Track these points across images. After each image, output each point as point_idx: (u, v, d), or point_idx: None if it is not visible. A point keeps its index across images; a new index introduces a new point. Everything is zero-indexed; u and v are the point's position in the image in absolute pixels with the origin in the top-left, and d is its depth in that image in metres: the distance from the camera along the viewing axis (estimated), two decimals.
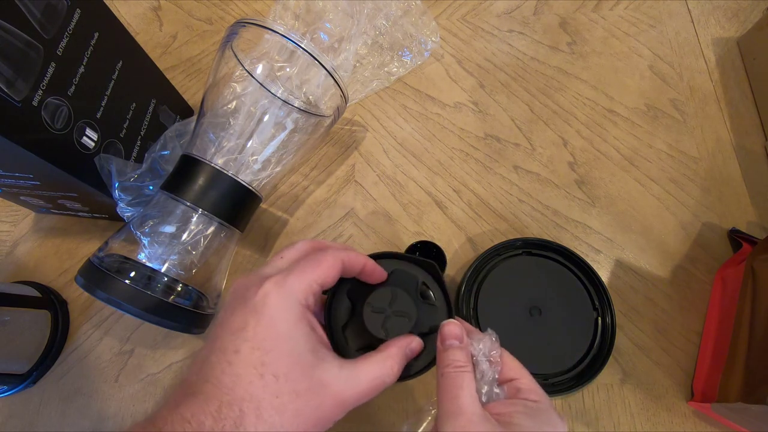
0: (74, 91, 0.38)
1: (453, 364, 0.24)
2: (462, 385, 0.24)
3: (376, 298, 0.28)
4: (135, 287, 0.36)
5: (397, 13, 0.58)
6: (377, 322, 0.28)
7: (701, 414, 0.40)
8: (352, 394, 0.23)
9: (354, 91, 0.56)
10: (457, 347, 0.25)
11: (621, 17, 0.58)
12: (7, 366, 0.43)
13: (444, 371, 0.25)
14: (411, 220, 0.50)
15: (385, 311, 0.28)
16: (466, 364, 0.25)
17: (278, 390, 0.21)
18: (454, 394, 0.23)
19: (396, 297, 0.29)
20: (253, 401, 0.20)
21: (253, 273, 0.26)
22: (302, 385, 0.21)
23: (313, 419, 0.22)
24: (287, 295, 0.22)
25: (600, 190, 0.50)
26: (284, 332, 0.22)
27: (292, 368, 0.21)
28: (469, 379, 0.24)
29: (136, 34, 0.62)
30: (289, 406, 0.21)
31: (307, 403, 0.21)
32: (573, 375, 0.41)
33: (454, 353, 0.25)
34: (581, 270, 0.44)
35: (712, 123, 0.52)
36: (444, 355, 0.25)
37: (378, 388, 0.24)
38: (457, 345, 0.26)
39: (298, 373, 0.21)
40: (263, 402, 0.20)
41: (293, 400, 0.21)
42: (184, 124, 0.47)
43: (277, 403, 0.20)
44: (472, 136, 0.53)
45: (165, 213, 0.40)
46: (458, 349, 0.25)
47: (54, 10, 0.36)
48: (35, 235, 0.52)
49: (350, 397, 0.23)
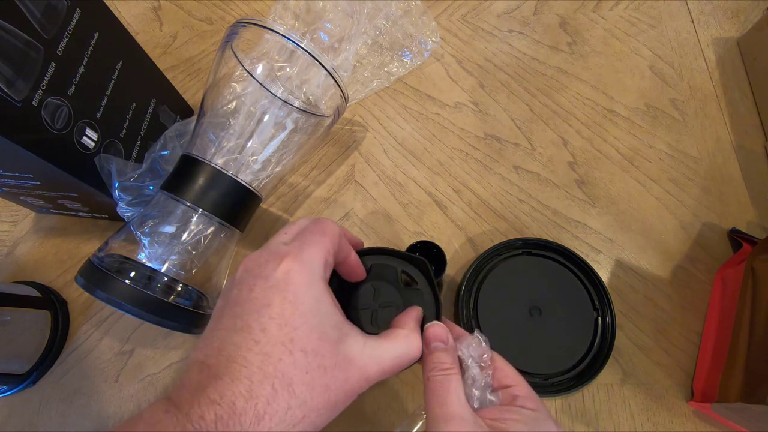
0: (74, 91, 0.38)
1: (438, 366, 0.24)
2: (449, 389, 0.23)
3: (359, 297, 0.29)
4: (135, 287, 0.36)
5: (397, 13, 0.58)
6: (366, 319, 0.28)
7: (701, 414, 0.40)
8: (377, 370, 0.23)
9: (354, 91, 0.56)
10: (443, 349, 0.25)
11: (621, 17, 0.58)
12: (7, 366, 0.43)
13: (430, 375, 0.24)
14: (411, 220, 0.50)
15: (371, 306, 0.29)
16: (451, 367, 0.24)
17: (307, 365, 0.21)
18: (442, 399, 0.23)
19: (379, 291, 0.29)
20: (285, 378, 0.20)
21: (262, 249, 0.25)
22: (330, 360, 0.21)
23: (341, 393, 0.22)
24: (309, 271, 0.22)
25: (600, 190, 0.50)
26: (310, 308, 0.22)
27: (320, 344, 0.21)
28: (457, 382, 0.24)
29: (136, 34, 0.62)
30: (319, 381, 0.21)
31: (335, 377, 0.21)
32: (573, 375, 0.41)
33: (439, 356, 0.24)
34: (581, 270, 0.44)
35: (712, 123, 0.52)
36: (429, 358, 0.25)
37: (403, 364, 0.24)
38: (442, 347, 0.25)
39: (325, 348, 0.21)
40: (294, 378, 0.20)
41: (322, 375, 0.21)
42: (184, 124, 0.47)
43: (307, 378, 0.21)
44: (472, 136, 0.53)
45: (165, 213, 0.40)
46: (443, 351, 0.25)
47: (54, 10, 0.36)
48: (35, 235, 0.52)
49: (374, 373, 0.23)
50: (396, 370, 0.24)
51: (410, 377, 0.43)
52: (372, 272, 0.30)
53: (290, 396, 0.20)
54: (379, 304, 0.29)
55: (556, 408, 0.41)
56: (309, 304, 0.22)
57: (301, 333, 0.21)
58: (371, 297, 0.29)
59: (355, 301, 0.29)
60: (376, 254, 0.30)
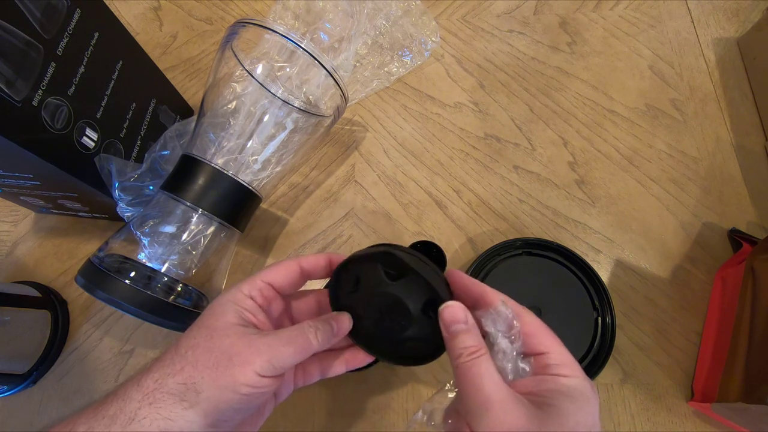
0: (74, 91, 0.38)
1: (465, 351, 0.22)
2: (482, 373, 0.22)
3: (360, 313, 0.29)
4: (135, 287, 0.36)
5: (397, 13, 0.58)
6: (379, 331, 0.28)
7: (701, 414, 0.40)
8: (274, 342, 0.25)
9: (354, 91, 0.56)
10: (464, 331, 0.23)
11: (621, 17, 0.58)
12: (7, 366, 0.43)
13: (458, 362, 0.22)
14: (411, 220, 0.50)
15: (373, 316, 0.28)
16: (478, 348, 0.22)
17: (197, 334, 0.25)
18: (477, 385, 0.21)
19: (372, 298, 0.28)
20: (177, 343, 0.25)
21: None
22: (220, 332, 0.25)
23: (224, 357, 0.24)
24: (231, 292, 0.27)
25: (600, 190, 0.50)
26: (217, 310, 0.26)
27: (219, 327, 0.25)
28: (487, 363, 0.22)
29: (136, 34, 0.62)
30: (203, 344, 0.24)
31: (221, 343, 0.24)
32: None
33: (462, 339, 0.23)
34: (581, 270, 0.44)
35: (712, 123, 0.52)
36: (453, 343, 0.23)
37: (301, 342, 0.25)
38: (464, 328, 0.23)
39: (222, 331, 0.25)
40: (182, 342, 0.25)
41: (208, 340, 0.25)
42: (184, 124, 0.47)
43: (193, 342, 0.25)
44: (472, 136, 0.53)
45: (165, 213, 0.40)
46: (465, 333, 0.23)
47: (54, 10, 0.36)
48: (35, 235, 0.52)
49: (272, 345, 0.24)
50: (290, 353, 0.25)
51: (410, 377, 0.43)
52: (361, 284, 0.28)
53: (175, 353, 0.24)
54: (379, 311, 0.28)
55: None
56: (217, 306, 0.26)
57: (209, 320, 0.26)
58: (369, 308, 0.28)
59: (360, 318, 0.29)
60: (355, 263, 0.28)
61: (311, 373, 0.30)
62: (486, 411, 0.21)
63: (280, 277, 0.28)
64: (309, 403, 0.43)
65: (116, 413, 0.22)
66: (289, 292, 0.29)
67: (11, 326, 0.43)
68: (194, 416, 0.23)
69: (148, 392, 0.23)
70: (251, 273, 0.49)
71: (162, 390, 0.23)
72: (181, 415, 0.22)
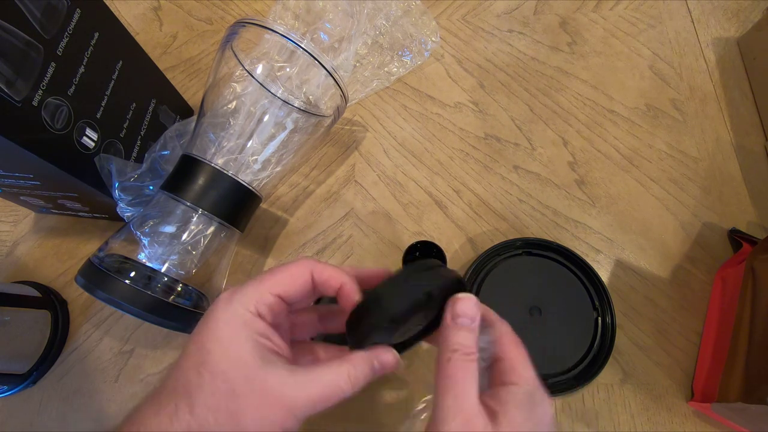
0: (74, 91, 0.38)
1: (462, 349, 0.22)
2: (467, 378, 0.21)
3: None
4: (135, 287, 0.36)
5: (397, 13, 0.58)
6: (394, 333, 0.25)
7: (701, 414, 0.40)
8: (301, 397, 0.21)
9: (354, 91, 0.56)
10: (469, 329, 0.22)
11: (621, 17, 0.58)
12: (7, 366, 0.43)
13: (451, 356, 0.22)
14: (411, 220, 0.50)
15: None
16: (474, 352, 0.22)
17: (215, 388, 0.20)
18: (460, 389, 0.21)
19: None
20: (188, 398, 0.20)
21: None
22: (242, 386, 0.20)
23: (253, 422, 0.20)
24: (234, 303, 0.22)
25: (600, 190, 0.50)
26: (226, 335, 0.21)
27: (232, 368, 0.21)
28: (475, 372, 0.22)
29: (136, 34, 0.62)
30: (224, 406, 0.20)
31: (247, 404, 0.20)
32: (573, 375, 0.41)
33: (465, 335, 0.22)
34: (581, 270, 0.44)
35: (712, 123, 0.52)
36: (452, 335, 0.22)
37: (332, 396, 0.22)
38: (469, 325, 0.23)
39: (238, 373, 0.21)
40: (198, 400, 0.20)
41: (230, 399, 0.20)
42: (184, 124, 0.47)
43: (211, 401, 0.20)
44: (472, 136, 0.53)
45: (165, 213, 0.40)
46: (469, 331, 0.22)
47: (54, 10, 0.36)
48: (35, 235, 0.52)
49: (298, 401, 0.21)
50: (326, 401, 0.22)
51: (410, 377, 0.43)
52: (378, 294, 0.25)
53: (191, 416, 0.20)
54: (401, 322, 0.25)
55: (556, 408, 0.41)
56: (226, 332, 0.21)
57: (214, 357, 0.21)
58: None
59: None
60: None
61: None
62: (457, 415, 0.21)
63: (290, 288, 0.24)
64: None
65: None
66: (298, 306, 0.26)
67: (11, 326, 0.43)
68: None
69: None
70: (251, 273, 0.49)
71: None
72: None
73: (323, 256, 0.49)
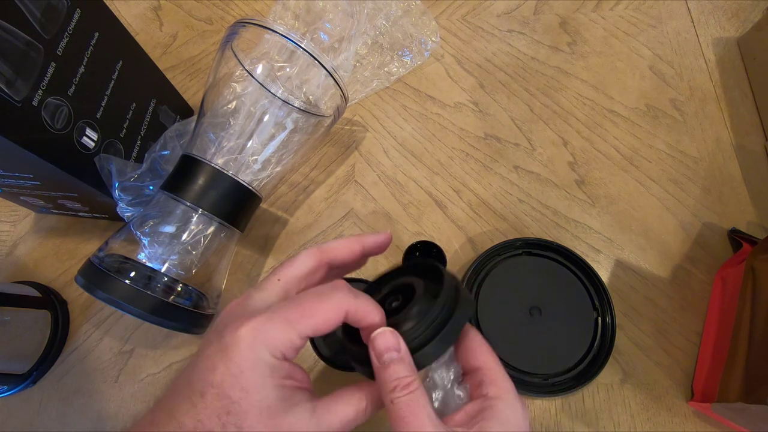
0: (74, 91, 0.38)
1: (399, 385, 0.21)
2: (418, 411, 0.21)
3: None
4: (135, 287, 0.36)
5: (397, 13, 0.58)
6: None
7: (701, 414, 0.40)
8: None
9: (354, 91, 0.56)
10: (397, 360, 0.21)
11: (621, 17, 0.58)
12: (7, 366, 0.43)
13: (392, 397, 0.21)
14: (411, 220, 0.50)
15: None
16: (413, 380, 0.21)
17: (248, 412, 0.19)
18: (416, 425, 0.20)
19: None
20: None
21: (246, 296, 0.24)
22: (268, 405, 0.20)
23: None
24: (261, 346, 0.20)
25: (600, 190, 0.50)
26: (252, 384, 0.20)
27: (258, 420, 0.19)
28: (424, 398, 0.21)
29: (136, 34, 0.62)
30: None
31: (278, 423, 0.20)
32: (573, 375, 0.41)
33: (396, 370, 0.21)
34: (581, 270, 0.44)
35: (712, 123, 0.52)
36: (385, 374, 0.22)
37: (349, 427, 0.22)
38: (396, 357, 0.22)
39: (264, 425, 0.20)
40: None
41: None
42: (184, 124, 0.47)
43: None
44: (472, 136, 0.53)
45: (165, 213, 0.40)
46: (398, 363, 0.21)
47: (54, 10, 0.36)
48: (35, 235, 0.52)
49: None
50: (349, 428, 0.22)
51: None
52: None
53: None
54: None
55: (556, 408, 0.41)
56: (252, 380, 0.20)
57: (239, 408, 0.19)
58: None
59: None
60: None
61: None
62: None
63: (324, 329, 0.22)
64: None
65: None
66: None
67: (11, 326, 0.43)
68: None
69: None
70: (251, 273, 0.49)
71: None
72: None
73: None
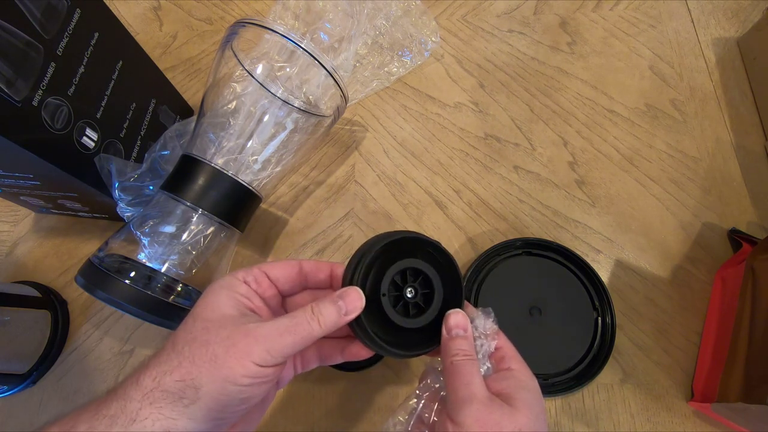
0: (74, 91, 0.38)
1: (461, 353, 0.26)
2: (472, 372, 0.26)
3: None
4: (135, 287, 0.36)
5: (397, 13, 0.58)
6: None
7: (701, 414, 0.40)
8: (269, 330, 0.24)
9: (354, 91, 0.56)
10: (463, 337, 0.27)
11: (621, 17, 0.58)
12: (7, 366, 0.43)
13: (453, 360, 0.26)
14: (411, 220, 0.50)
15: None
16: (472, 353, 0.26)
17: (193, 327, 0.25)
18: (467, 381, 0.25)
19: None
20: (173, 338, 0.25)
21: None
22: (216, 324, 0.25)
23: (222, 348, 0.23)
24: (225, 279, 0.27)
25: (600, 190, 0.50)
26: (212, 295, 0.26)
27: (211, 314, 0.25)
28: (476, 367, 0.26)
29: (136, 34, 0.62)
30: (200, 337, 0.24)
31: (218, 335, 0.24)
32: (573, 375, 0.41)
33: (460, 342, 0.27)
34: (581, 270, 0.44)
35: (712, 123, 0.52)
36: (451, 344, 0.27)
37: (299, 329, 0.25)
38: (463, 334, 0.27)
39: (214, 316, 0.25)
40: (179, 337, 0.25)
41: (203, 332, 0.24)
42: (184, 124, 0.47)
43: (189, 336, 0.24)
44: (472, 136, 0.53)
45: (165, 213, 0.40)
46: (464, 338, 0.27)
47: (54, 10, 0.36)
48: (35, 235, 0.52)
49: (265, 331, 0.24)
50: (296, 335, 0.24)
51: (410, 377, 0.43)
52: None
53: (172, 350, 0.24)
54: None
55: (557, 408, 0.41)
56: (213, 293, 0.26)
57: (198, 309, 0.26)
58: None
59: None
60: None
61: (309, 360, 0.30)
62: (470, 404, 0.25)
63: (277, 269, 0.28)
64: (309, 403, 0.43)
65: (117, 413, 0.22)
66: (287, 288, 0.29)
67: (11, 326, 0.43)
68: (196, 412, 0.23)
69: (148, 392, 0.23)
70: None
71: (161, 388, 0.23)
72: (183, 413, 0.22)
73: (323, 255, 0.49)
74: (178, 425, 0.22)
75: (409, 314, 0.28)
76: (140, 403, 0.22)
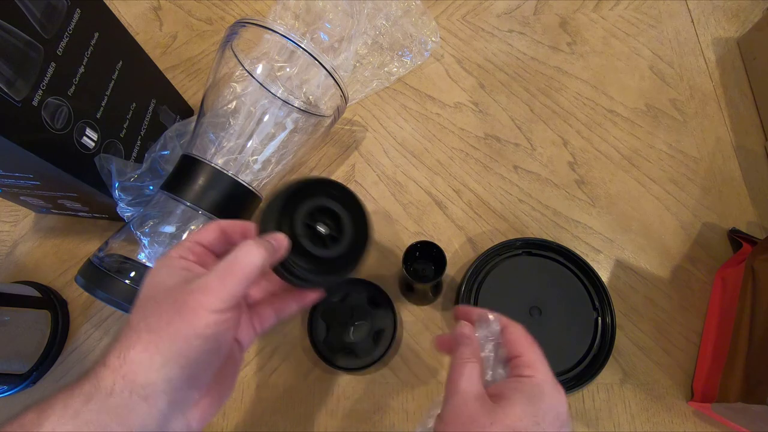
0: (74, 91, 0.38)
1: (460, 358, 0.29)
2: (463, 372, 0.28)
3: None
4: (135, 287, 0.36)
5: (397, 13, 0.58)
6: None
7: (701, 414, 0.40)
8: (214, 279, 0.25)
9: (354, 91, 0.56)
10: (466, 344, 0.29)
11: (621, 17, 0.58)
12: (7, 366, 0.43)
13: (452, 363, 0.29)
14: (411, 220, 0.50)
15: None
16: (471, 357, 0.29)
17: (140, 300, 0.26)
18: (455, 379, 0.28)
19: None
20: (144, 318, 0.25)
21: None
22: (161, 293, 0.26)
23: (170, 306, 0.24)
24: (161, 259, 0.28)
25: (600, 190, 0.50)
26: (154, 279, 0.27)
27: (154, 286, 0.26)
28: (471, 368, 0.28)
29: (136, 34, 0.62)
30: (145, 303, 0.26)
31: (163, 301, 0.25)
32: (573, 375, 0.41)
33: (462, 350, 0.29)
34: (581, 270, 0.44)
35: (712, 123, 0.52)
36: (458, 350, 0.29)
37: (239, 267, 0.25)
38: (467, 342, 0.30)
39: (158, 287, 0.26)
40: (132, 315, 0.25)
41: (149, 299, 0.26)
42: (184, 124, 0.47)
43: (138, 308, 0.26)
44: (472, 136, 0.53)
45: (165, 213, 0.40)
46: (466, 346, 0.29)
47: (54, 10, 0.36)
48: (35, 235, 0.52)
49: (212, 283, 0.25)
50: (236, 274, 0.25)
51: (410, 377, 0.43)
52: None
53: (129, 329, 0.25)
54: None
55: None
56: (152, 270, 0.27)
57: (143, 285, 0.27)
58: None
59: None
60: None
61: (266, 316, 0.31)
62: (450, 398, 0.27)
63: (203, 234, 0.29)
64: (309, 403, 0.43)
65: (92, 390, 0.23)
66: (217, 249, 0.30)
67: (11, 326, 0.43)
68: (169, 373, 0.23)
69: (116, 368, 0.23)
70: None
71: (129, 362, 0.23)
72: (156, 377, 0.23)
73: None
74: (157, 387, 0.23)
75: (327, 246, 0.30)
76: (113, 379, 0.23)
